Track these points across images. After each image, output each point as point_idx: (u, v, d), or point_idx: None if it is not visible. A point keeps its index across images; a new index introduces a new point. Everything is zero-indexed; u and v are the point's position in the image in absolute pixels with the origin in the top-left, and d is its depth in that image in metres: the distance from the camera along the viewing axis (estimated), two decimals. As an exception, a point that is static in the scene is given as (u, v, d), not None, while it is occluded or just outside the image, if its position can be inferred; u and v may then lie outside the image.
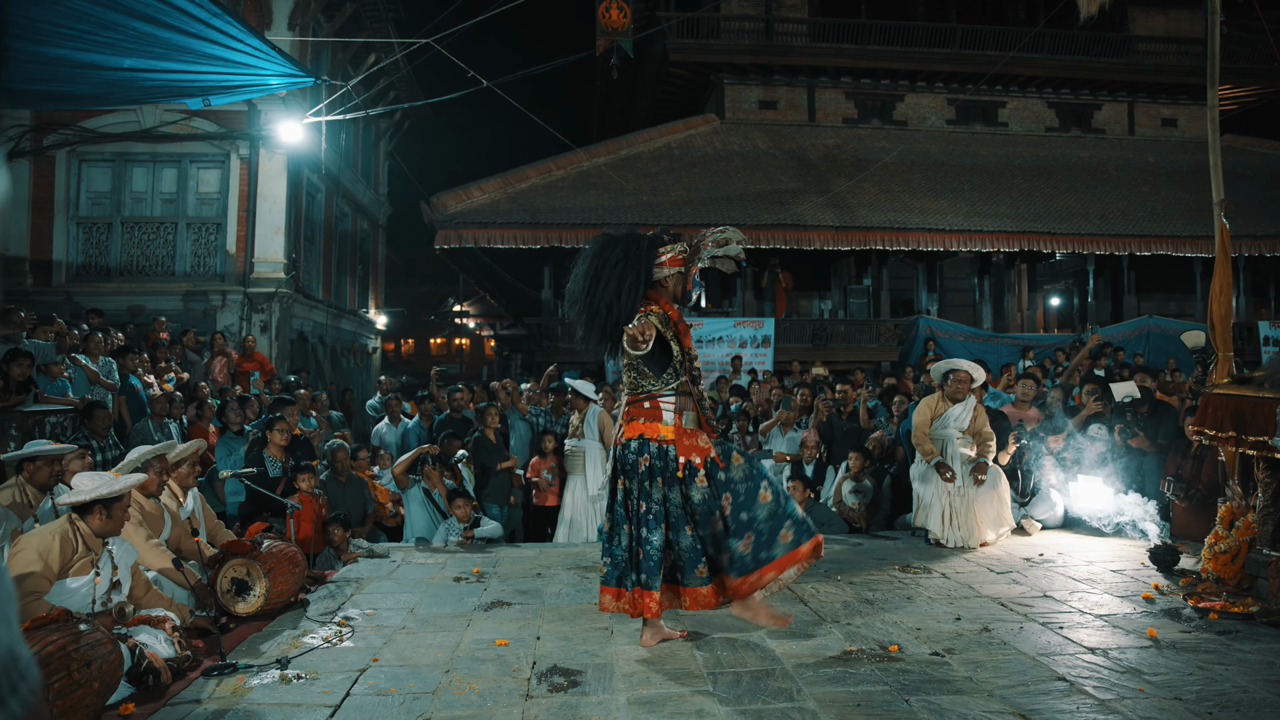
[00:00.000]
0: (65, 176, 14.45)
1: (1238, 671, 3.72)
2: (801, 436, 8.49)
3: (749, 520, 4.02)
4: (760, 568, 4.01)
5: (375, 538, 7.23)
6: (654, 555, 4.00)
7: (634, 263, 4.07)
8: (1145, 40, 22.98)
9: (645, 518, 4.03)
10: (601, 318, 4.06)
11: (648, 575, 4.01)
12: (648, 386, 4.14)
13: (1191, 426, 5.76)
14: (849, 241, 17.78)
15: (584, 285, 4.12)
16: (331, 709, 3.43)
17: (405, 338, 45.34)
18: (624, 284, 4.03)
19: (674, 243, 4.23)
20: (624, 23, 18.78)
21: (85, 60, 6.48)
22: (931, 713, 3.30)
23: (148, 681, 3.56)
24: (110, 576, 3.99)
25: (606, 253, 4.11)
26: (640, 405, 4.15)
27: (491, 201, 17.65)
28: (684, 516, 4.03)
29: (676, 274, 4.22)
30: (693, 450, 4.06)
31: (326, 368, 17.39)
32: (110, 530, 4.02)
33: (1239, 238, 17.17)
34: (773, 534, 4.04)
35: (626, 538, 4.11)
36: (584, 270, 4.15)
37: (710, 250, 4.25)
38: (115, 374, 9.04)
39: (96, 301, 13.76)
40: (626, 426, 4.16)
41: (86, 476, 4.08)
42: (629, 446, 4.11)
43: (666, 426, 4.08)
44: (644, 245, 4.14)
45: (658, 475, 4.04)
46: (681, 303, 4.29)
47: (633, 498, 4.09)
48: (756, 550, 4.01)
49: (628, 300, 4.02)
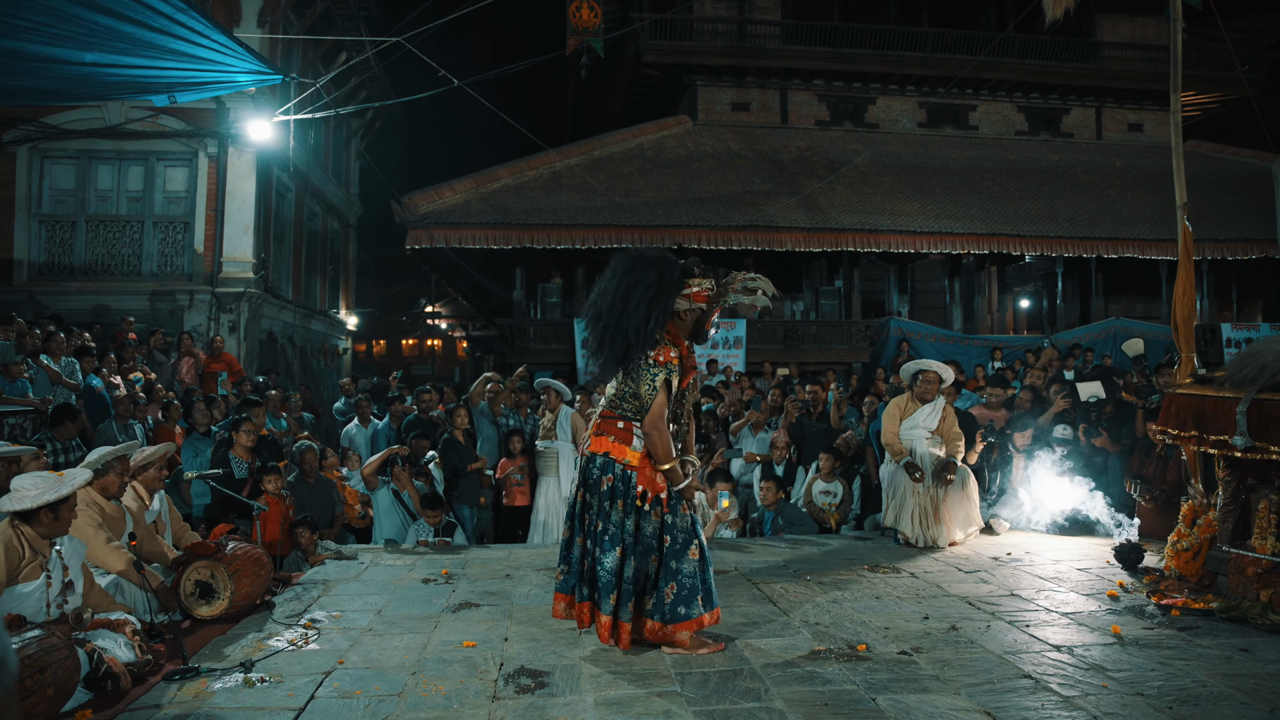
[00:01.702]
0: (27, 173, 14.20)
1: (1198, 666, 3.77)
2: (772, 437, 8.51)
3: (676, 570, 3.98)
4: (676, 621, 3.96)
5: (344, 539, 7.15)
6: (606, 577, 3.95)
7: (665, 290, 3.97)
8: (1112, 46, 23.30)
9: (601, 538, 3.99)
10: (625, 339, 3.95)
11: (600, 595, 3.98)
12: (627, 412, 4.06)
13: (1155, 426, 5.84)
14: (821, 243, 17.85)
15: (611, 303, 3.98)
16: (295, 712, 3.39)
17: (377, 339, 44.96)
18: (654, 310, 3.93)
19: (703, 278, 4.12)
20: (594, 23, 18.74)
21: (44, 54, 6.35)
22: (899, 711, 3.31)
23: (106, 687, 3.50)
24: (61, 578, 3.90)
25: (639, 273, 3.98)
26: (613, 423, 4.08)
27: (463, 201, 17.56)
28: (642, 545, 3.99)
29: (698, 310, 4.12)
30: (651, 484, 4.01)
31: (296, 368, 17.21)
32: (58, 532, 3.92)
33: (1202, 241, 17.47)
34: (693, 592, 3.98)
35: (579, 550, 4.08)
36: (613, 287, 4.01)
37: (737, 296, 4.17)
38: (78, 374, 8.89)
39: (60, 301, 13.56)
40: (594, 439, 4.10)
41: (28, 479, 3.96)
42: (594, 460, 4.07)
43: (634, 453, 4.02)
44: (677, 274, 4.04)
45: (619, 498, 3.99)
46: (696, 340, 4.21)
47: (591, 513, 4.05)
48: (676, 603, 3.96)
49: (654, 327, 3.94)
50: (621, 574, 3.97)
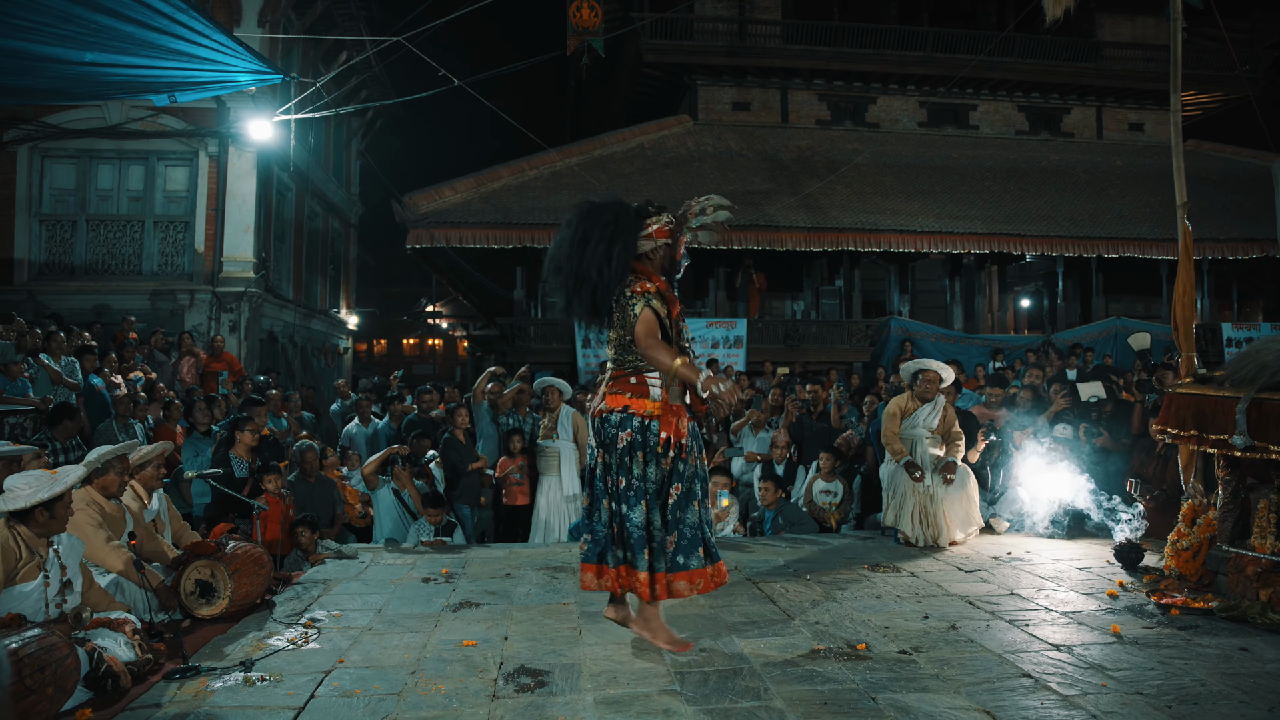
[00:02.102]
0: (27, 173, 14.21)
1: (1197, 666, 3.77)
2: (772, 436, 8.51)
3: (678, 520, 3.94)
4: (675, 570, 3.92)
5: (344, 539, 7.16)
6: (637, 533, 3.88)
7: (624, 229, 3.94)
8: (1113, 46, 23.30)
9: (625, 494, 3.91)
10: (591, 283, 3.89)
11: (633, 554, 3.90)
12: (635, 361, 3.98)
13: (1155, 425, 5.84)
14: (821, 242, 17.85)
15: (569, 249, 3.93)
16: (295, 711, 3.39)
17: (378, 338, 44.97)
18: (614, 248, 3.88)
19: (659, 214, 4.12)
20: (595, 22, 18.75)
21: (44, 54, 6.36)
22: (898, 711, 3.32)
23: (107, 686, 3.50)
24: (60, 577, 3.90)
25: (594, 217, 3.95)
26: (626, 380, 4.00)
27: (464, 201, 17.56)
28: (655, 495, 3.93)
29: (664, 245, 4.11)
30: (671, 428, 3.93)
31: (297, 368, 17.22)
32: (53, 530, 3.90)
33: (1202, 241, 17.46)
34: (694, 543, 3.95)
35: (606, 513, 4.00)
36: (569, 235, 3.97)
37: (698, 218, 4.16)
38: (78, 373, 8.90)
39: (61, 301, 13.56)
40: (609, 398, 4.01)
41: (21, 478, 3.93)
42: (609, 419, 3.98)
43: (654, 402, 3.94)
44: (631, 214, 4.02)
45: (638, 450, 3.91)
46: (669, 274, 4.17)
47: (612, 473, 3.97)
48: (676, 553, 3.93)
49: (619, 265, 3.89)
50: (650, 525, 3.91)
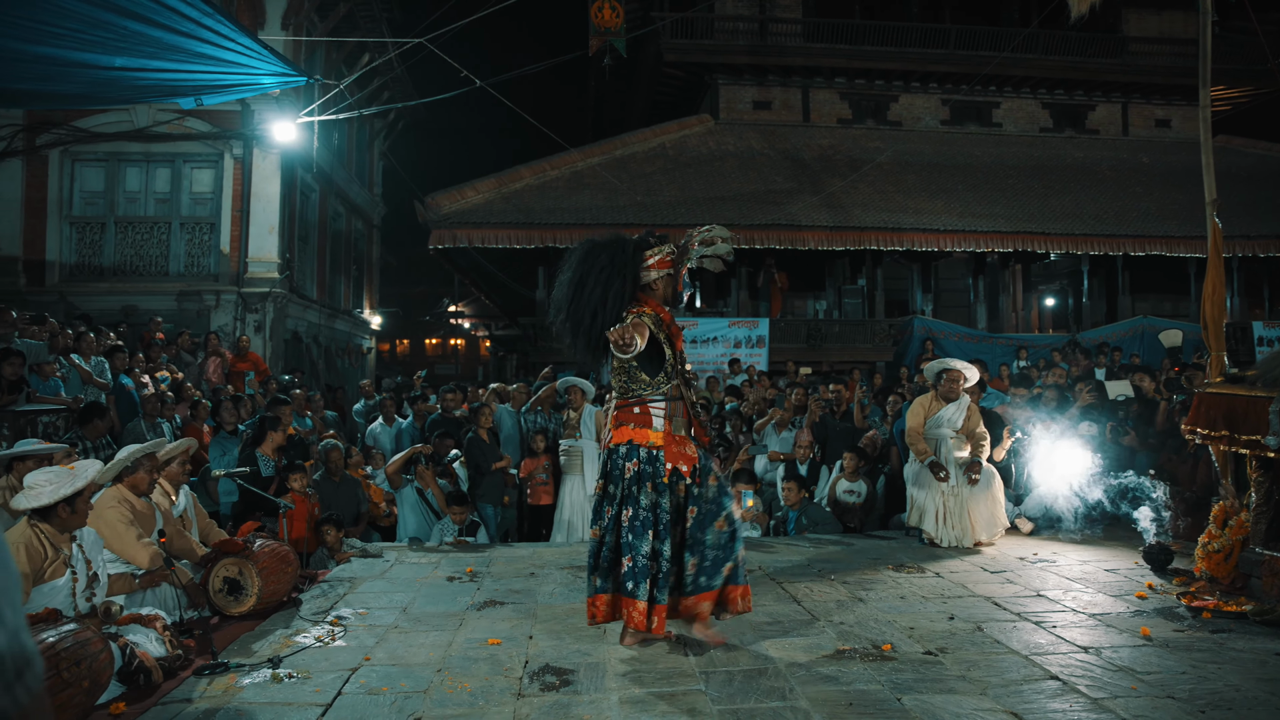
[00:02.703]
0: (58, 176, 14.41)
1: (1231, 670, 3.72)
2: (796, 436, 8.48)
3: (699, 541, 4.01)
4: (698, 593, 3.99)
5: (369, 537, 7.21)
6: (641, 562, 3.94)
7: (619, 268, 4.03)
8: (1139, 41, 23.02)
9: (633, 524, 3.98)
10: (585, 325, 4.02)
11: (633, 584, 3.96)
12: (638, 390, 4.09)
13: (1185, 426, 5.76)
14: (843, 242, 17.76)
15: (568, 293, 4.07)
16: (323, 708, 3.42)
17: (400, 338, 45.21)
18: (609, 290, 3.99)
19: (660, 245, 4.19)
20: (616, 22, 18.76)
21: (75, 59, 6.45)
22: (924, 712, 3.30)
23: (139, 680, 3.55)
24: (85, 572, 3.94)
25: (591, 259, 4.06)
26: (629, 410, 4.11)
27: (486, 201, 17.62)
28: (669, 525, 4.00)
29: (666, 276, 4.19)
30: (680, 458, 4.03)
31: (321, 368, 17.34)
32: (74, 525, 3.93)
33: (1232, 238, 17.21)
34: (717, 563, 4.00)
35: (594, 543, 4.11)
36: (568, 278, 4.10)
37: (698, 250, 4.22)
38: (108, 373, 9.01)
39: (90, 302, 13.73)
40: (615, 431, 4.12)
41: (41, 474, 3.96)
42: (617, 451, 4.08)
43: (656, 433, 4.04)
44: (629, 250, 4.10)
45: (646, 481, 4.00)
46: (672, 304, 4.26)
47: (614, 504, 4.06)
48: (698, 574, 3.99)
49: (613, 307, 3.98)
50: (657, 556, 3.96)
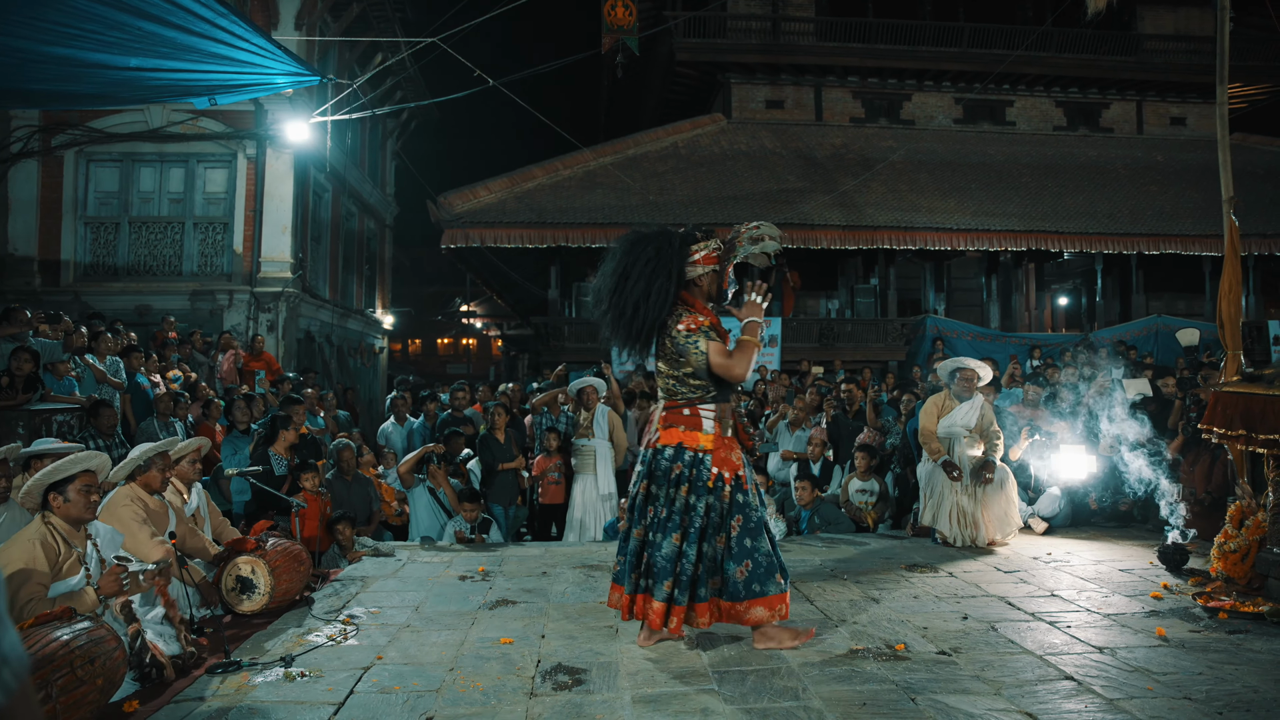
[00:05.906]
0: (73, 176, 14.51)
1: (1248, 671, 3.68)
2: (810, 434, 8.46)
3: (751, 549, 3.94)
4: (751, 599, 3.92)
5: (381, 536, 7.23)
6: (661, 564, 3.91)
7: (665, 262, 3.95)
8: (1154, 38, 22.88)
9: (663, 525, 3.94)
10: (628, 318, 3.94)
11: (654, 582, 3.93)
12: (688, 394, 4.02)
13: (1201, 425, 5.72)
14: (856, 241, 17.73)
15: (612, 284, 3.99)
16: (335, 706, 3.42)
17: (412, 338, 45.38)
18: (654, 284, 3.92)
19: (707, 239, 4.10)
20: (629, 21, 18.78)
21: (91, 60, 6.49)
22: (938, 712, 3.28)
23: (151, 675, 3.56)
24: (99, 570, 3.95)
25: (637, 251, 3.98)
26: (679, 412, 4.04)
27: (498, 201, 17.66)
28: (710, 527, 3.95)
29: (711, 272, 4.10)
30: (726, 463, 3.97)
31: (333, 367, 17.40)
32: (75, 513, 3.88)
33: (1248, 236, 17.07)
34: (770, 570, 3.96)
35: (636, 542, 4.04)
36: (612, 268, 4.02)
37: (745, 248, 4.13)
38: (122, 373, 9.06)
39: (104, 301, 13.82)
40: (664, 432, 4.05)
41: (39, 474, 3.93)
42: (663, 453, 4.02)
43: (706, 435, 3.98)
44: (676, 243, 4.01)
45: (684, 483, 3.95)
46: (717, 301, 4.18)
47: (656, 504, 4.00)
48: (750, 581, 3.92)
49: (657, 300, 3.92)
50: (680, 559, 3.91)
